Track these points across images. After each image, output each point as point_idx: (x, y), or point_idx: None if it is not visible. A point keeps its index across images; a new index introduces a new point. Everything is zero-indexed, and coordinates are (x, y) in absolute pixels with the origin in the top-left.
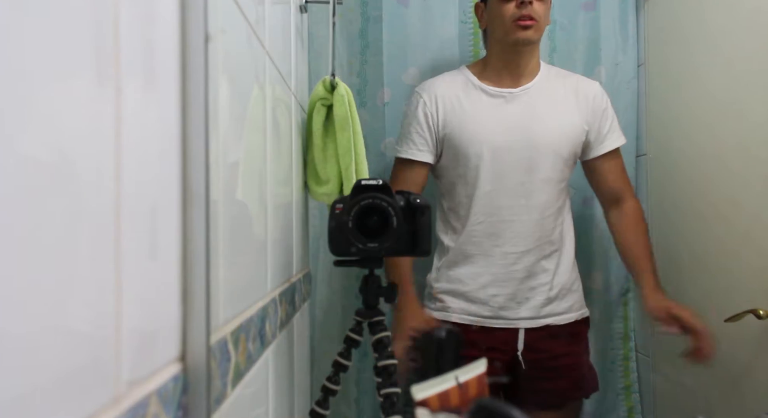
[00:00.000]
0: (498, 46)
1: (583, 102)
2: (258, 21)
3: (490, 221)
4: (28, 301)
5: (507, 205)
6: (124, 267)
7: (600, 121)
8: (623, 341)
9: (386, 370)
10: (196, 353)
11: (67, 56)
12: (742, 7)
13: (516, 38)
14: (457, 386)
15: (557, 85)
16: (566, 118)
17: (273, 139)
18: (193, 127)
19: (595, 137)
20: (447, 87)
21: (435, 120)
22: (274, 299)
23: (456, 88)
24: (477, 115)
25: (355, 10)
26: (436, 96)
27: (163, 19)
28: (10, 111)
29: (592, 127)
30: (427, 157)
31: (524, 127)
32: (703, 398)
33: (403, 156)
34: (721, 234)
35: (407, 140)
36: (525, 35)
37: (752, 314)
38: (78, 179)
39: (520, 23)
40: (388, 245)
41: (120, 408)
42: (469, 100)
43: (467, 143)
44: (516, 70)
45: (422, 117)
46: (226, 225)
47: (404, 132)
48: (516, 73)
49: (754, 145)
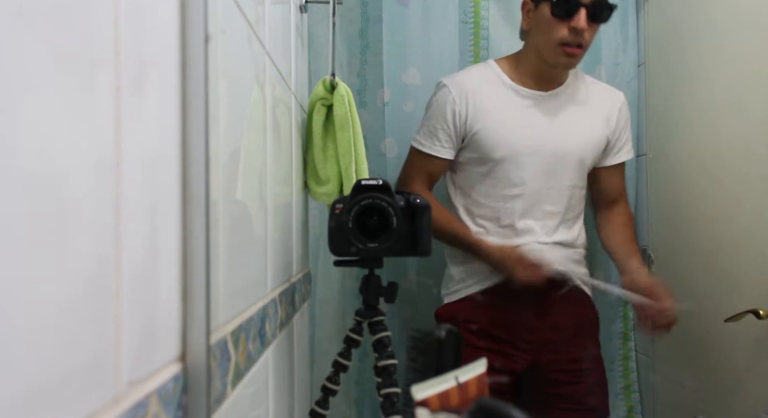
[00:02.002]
0: (535, 55)
1: (608, 110)
2: (258, 21)
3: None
4: (28, 301)
5: (529, 210)
6: (124, 267)
7: (620, 134)
8: (623, 341)
9: (386, 370)
10: (196, 353)
11: (66, 56)
12: (742, 7)
13: (557, 62)
14: (457, 386)
15: (585, 92)
16: (592, 127)
17: (273, 139)
18: (193, 127)
19: (611, 148)
20: (477, 84)
21: (463, 119)
22: (274, 299)
23: (486, 86)
24: (506, 117)
25: (355, 10)
26: (466, 94)
27: (163, 19)
28: (10, 110)
29: (612, 137)
30: (450, 155)
31: (552, 133)
32: (703, 398)
33: (427, 151)
34: (721, 234)
35: (432, 136)
36: (569, 62)
37: (752, 314)
38: (78, 179)
39: (567, 50)
40: (388, 245)
41: (120, 408)
42: (499, 99)
43: (494, 145)
44: (548, 77)
45: (450, 115)
46: (226, 225)
47: (429, 126)
48: (548, 79)
49: (754, 145)
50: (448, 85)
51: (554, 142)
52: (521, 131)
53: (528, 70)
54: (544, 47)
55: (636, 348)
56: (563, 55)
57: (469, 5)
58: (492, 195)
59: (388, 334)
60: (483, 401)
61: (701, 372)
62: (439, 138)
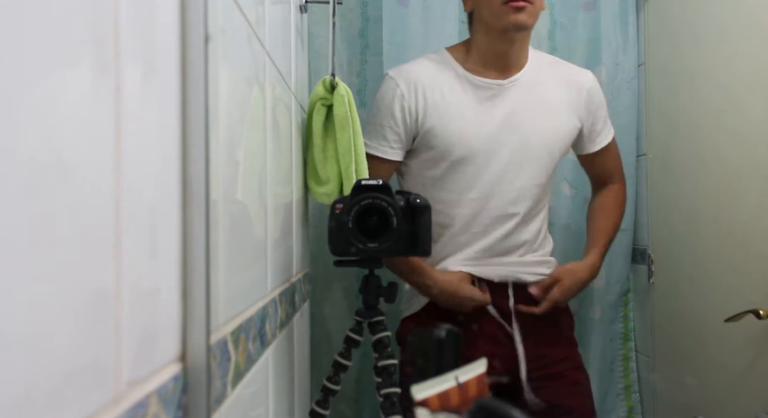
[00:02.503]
0: (485, 32)
1: (576, 95)
2: (258, 21)
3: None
4: (28, 301)
5: (492, 214)
6: (124, 267)
7: (594, 117)
8: (623, 341)
9: (386, 370)
10: (196, 353)
11: (66, 55)
12: (742, 7)
13: (507, 22)
14: (457, 386)
15: (548, 76)
16: (559, 115)
17: (273, 139)
18: (193, 127)
19: (588, 134)
20: (428, 76)
21: (413, 116)
22: (274, 299)
23: (439, 78)
24: (463, 112)
25: (355, 10)
26: (416, 87)
27: (163, 19)
28: (8, 110)
29: (585, 123)
30: (398, 156)
31: (514, 126)
32: (703, 398)
33: (372, 152)
34: (721, 234)
35: (378, 135)
36: (518, 19)
37: (752, 314)
38: (77, 179)
39: (512, 5)
40: (388, 245)
41: (120, 408)
42: (453, 92)
43: (450, 144)
44: (505, 59)
45: (398, 112)
46: (226, 225)
47: (375, 123)
48: (504, 62)
49: (754, 145)
50: (396, 77)
51: (518, 138)
52: (480, 127)
53: (483, 56)
54: (490, 15)
55: (636, 348)
56: (511, 12)
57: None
58: (445, 201)
59: (388, 334)
60: (483, 401)
61: (701, 372)
62: (387, 137)
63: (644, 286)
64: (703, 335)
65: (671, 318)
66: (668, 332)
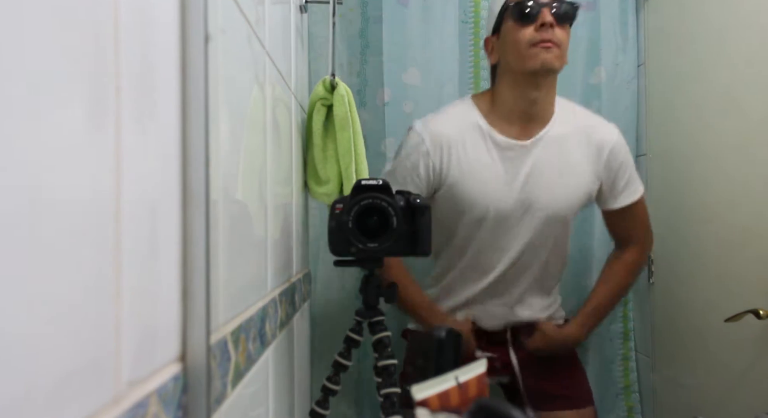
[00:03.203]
0: (512, 83)
1: (596, 155)
2: (258, 21)
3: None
4: (29, 301)
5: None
6: (124, 267)
7: (615, 177)
8: (623, 341)
9: (386, 370)
10: (196, 353)
11: (66, 55)
12: (742, 7)
13: (535, 63)
14: (457, 386)
15: (572, 132)
16: (578, 176)
17: (273, 139)
18: (193, 127)
19: (609, 191)
20: (454, 131)
21: (437, 172)
22: (274, 299)
23: (463, 133)
24: (484, 172)
25: (355, 10)
26: (441, 144)
27: (163, 19)
28: (7, 108)
29: (605, 181)
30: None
31: (531, 191)
32: (703, 398)
33: None
34: (721, 234)
35: (400, 186)
36: (546, 59)
37: (752, 314)
38: (77, 179)
39: (540, 46)
40: (388, 245)
41: (120, 408)
42: (476, 151)
43: (469, 203)
44: (530, 110)
45: (423, 169)
46: (226, 225)
47: (398, 174)
48: (529, 117)
49: (754, 145)
50: (422, 133)
51: (534, 202)
52: (499, 189)
53: (508, 108)
54: (517, 58)
55: (636, 348)
56: (540, 53)
57: (469, 5)
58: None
59: (388, 334)
60: (483, 401)
61: (701, 372)
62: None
63: (644, 286)
64: (703, 335)
65: (671, 318)
66: (668, 332)
